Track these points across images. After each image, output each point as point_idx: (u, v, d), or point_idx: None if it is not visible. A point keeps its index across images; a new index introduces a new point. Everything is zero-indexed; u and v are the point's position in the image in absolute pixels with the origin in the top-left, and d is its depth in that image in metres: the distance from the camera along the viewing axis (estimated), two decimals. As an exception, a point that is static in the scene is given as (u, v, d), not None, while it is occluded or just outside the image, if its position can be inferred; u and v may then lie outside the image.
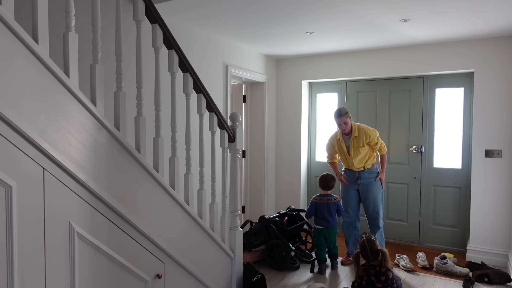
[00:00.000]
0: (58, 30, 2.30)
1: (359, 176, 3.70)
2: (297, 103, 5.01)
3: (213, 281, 2.66)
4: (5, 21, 1.37)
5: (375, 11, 3.05)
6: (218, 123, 2.70)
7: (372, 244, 2.60)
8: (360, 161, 3.65)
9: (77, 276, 1.70)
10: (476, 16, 3.16)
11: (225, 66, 4.06)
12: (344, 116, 3.57)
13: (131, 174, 1.95)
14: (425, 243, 4.44)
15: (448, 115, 4.31)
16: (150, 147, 2.72)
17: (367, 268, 2.60)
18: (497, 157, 3.83)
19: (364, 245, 2.61)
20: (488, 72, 3.86)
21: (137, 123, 2.07)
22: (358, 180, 3.71)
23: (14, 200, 1.43)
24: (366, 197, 3.70)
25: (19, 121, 1.42)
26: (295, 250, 3.67)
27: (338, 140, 3.74)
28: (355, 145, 3.62)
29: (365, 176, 3.69)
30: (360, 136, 3.61)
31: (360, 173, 3.69)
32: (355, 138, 3.62)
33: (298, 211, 4.21)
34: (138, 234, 2.02)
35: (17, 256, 1.45)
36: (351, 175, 3.74)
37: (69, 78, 1.63)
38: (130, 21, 2.81)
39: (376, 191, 3.68)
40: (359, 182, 3.70)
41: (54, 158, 1.55)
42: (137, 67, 2.06)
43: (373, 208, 3.68)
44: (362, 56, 4.56)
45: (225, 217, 2.85)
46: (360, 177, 3.69)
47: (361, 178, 3.69)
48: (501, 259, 3.80)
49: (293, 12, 3.07)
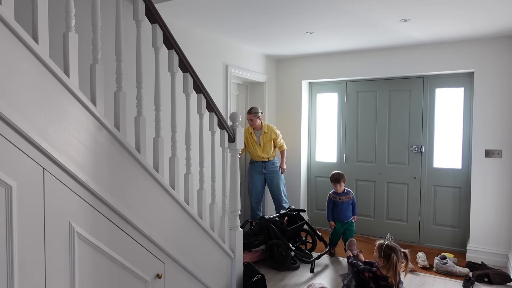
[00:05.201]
0: (58, 30, 2.30)
1: (265, 167, 4.46)
2: (297, 103, 5.01)
3: (213, 281, 2.66)
4: (5, 21, 1.37)
5: (375, 11, 3.05)
6: (218, 123, 2.70)
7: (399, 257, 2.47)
8: (266, 152, 4.43)
9: (77, 276, 1.70)
10: (476, 16, 3.16)
11: (225, 66, 4.06)
12: (251, 115, 4.33)
13: (131, 174, 1.95)
14: (425, 243, 4.44)
15: (448, 115, 4.31)
16: (150, 147, 2.72)
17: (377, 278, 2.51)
18: (497, 157, 3.83)
19: (394, 264, 2.45)
20: (488, 72, 3.86)
21: (137, 123, 2.07)
22: (264, 170, 4.47)
23: (14, 200, 1.43)
24: (271, 183, 4.51)
25: (19, 121, 1.42)
26: (295, 250, 3.67)
27: (250, 134, 4.41)
28: (265, 139, 4.41)
29: (270, 167, 4.48)
30: (269, 133, 4.43)
31: (265, 164, 4.45)
32: (265, 133, 4.43)
33: (298, 211, 4.21)
34: (138, 234, 2.02)
35: (17, 256, 1.45)
36: (258, 166, 4.47)
37: (69, 78, 1.63)
38: (130, 21, 2.81)
39: (279, 177, 4.53)
40: (265, 172, 4.48)
41: (54, 158, 1.55)
42: (137, 67, 2.06)
43: (277, 191, 4.52)
44: (362, 56, 4.56)
45: (225, 217, 2.85)
46: (266, 168, 4.47)
47: (267, 168, 4.47)
48: (501, 259, 3.80)
49: (293, 12, 3.07)
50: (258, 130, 4.47)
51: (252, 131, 4.44)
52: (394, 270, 2.46)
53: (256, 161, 4.48)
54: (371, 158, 4.75)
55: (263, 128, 4.45)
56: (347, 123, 4.89)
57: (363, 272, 2.59)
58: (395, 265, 2.46)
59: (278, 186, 4.53)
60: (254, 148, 4.43)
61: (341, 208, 4.07)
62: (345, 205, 4.08)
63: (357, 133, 4.83)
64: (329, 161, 5.06)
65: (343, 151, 4.93)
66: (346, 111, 4.89)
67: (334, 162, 5.01)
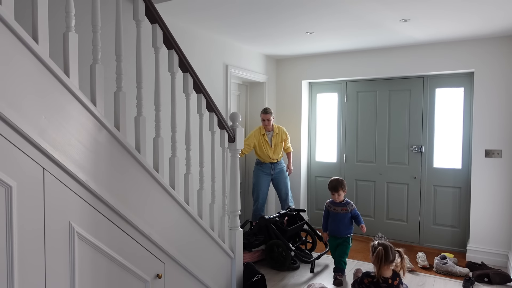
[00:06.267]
0: (58, 30, 2.30)
1: (273, 168, 4.46)
2: (297, 103, 5.01)
3: (213, 281, 2.66)
4: (5, 21, 1.37)
5: (375, 11, 3.05)
6: (218, 123, 2.70)
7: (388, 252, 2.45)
8: (277, 154, 4.45)
9: (77, 276, 1.70)
10: (476, 16, 3.16)
11: (225, 66, 4.06)
12: (269, 114, 4.32)
13: (131, 174, 1.95)
14: (425, 243, 4.44)
15: (448, 115, 4.31)
16: (150, 147, 2.72)
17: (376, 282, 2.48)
18: (497, 157, 3.83)
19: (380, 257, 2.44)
20: (488, 72, 3.86)
21: (137, 123, 2.07)
22: (272, 171, 4.47)
23: (14, 200, 1.43)
24: (279, 183, 4.53)
25: (19, 121, 1.42)
26: (295, 250, 3.67)
27: (262, 135, 4.39)
28: (276, 140, 4.42)
29: (277, 168, 4.49)
30: (280, 134, 4.45)
31: (274, 165, 4.45)
32: (276, 134, 4.43)
33: (298, 211, 4.21)
34: (138, 234, 2.02)
35: (17, 256, 1.45)
36: (266, 167, 4.44)
37: (69, 78, 1.63)
38: (130, 21, 2.81)
39: (286, 178, 4.55)
40: (273, 173, 4.48)
41: (54, 158, 1.55)
42: (137, 67, 2.06)
43: (285, 190, 4.53)
44: (362, 56, 4.56)
45: (225, 217, 2.85)
46: (274, 168, 4.47)
47: (275, 169, 4.47)
48: (501, 259, 3.80)
49: (293, 12, 3.07)
50: (269, 131, 4.44)
51: (264, 132, 4.39)
52: (380, 262, 2.44)
53: (264, 163, 4.44)
54: (371, 158, 4.75)
55: (274, 129, 4.44)
56: (347, 123, 4.89)
57: (363, 279, 2.55)
58: (381, 257, 2.43)
59: (286, 186, 4.53)
60: (265, 150, 4.38)
61: (333, 220, 3.51)
62: (339, 218, 3.47)
63: (357, 133, 4.83)
64: (329, 161, 5.06)
65: (343, 151, 4.93)
66: (346, 111, 4.89)
67: (334, 162, 5.02)
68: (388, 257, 2.45)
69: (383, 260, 2.44)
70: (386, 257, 2.44)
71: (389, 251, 2.46)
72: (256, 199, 4.47)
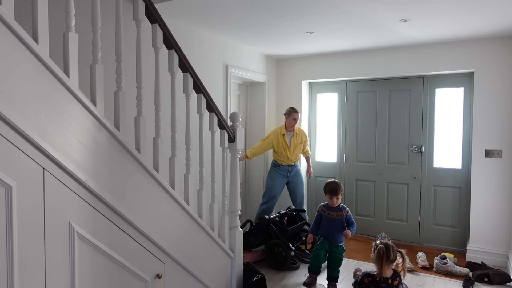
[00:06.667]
0: (58, 30, 2.30)
1: (290, 171, 4.38)
2: (297, 103, 5.01)
3: (213, 281, 2.66)
4: (5, 21, 1.37)
5: (375, 11, 3.05)
6: (218, 123, 2.70)
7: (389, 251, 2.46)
8: (296, 155, 4.39)
9: (77, 276, 1.70)
10: (476, 17, 3.16)
11: (225, 66, 4.06)
12: (297, 113, 4.30)
13: (131, 174, 1.95)
14: (425, 243, 4.44)
15: (448, 115, 4.31)
16: (150, 147, 2.72)
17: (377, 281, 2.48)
18: (497, 157, 3.83)
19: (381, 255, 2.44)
20: (488, 72, 3.86)
21: (137, 123, 2.07)
22: (289, 174, 4.38)
23: (14, 200, 1.43)
24: (295, 186, 4.45)
25: (19, 121, 1.42)
26: (295, 250, 3.67)
27: (282, 135, 4.31)
28: (295, 141, 4.34)
29: (294, 170, 4.41)
30: (300, 135, 4.39)
31: (291, 168, 4.37)
32: (297, 135, 4.36)
33: (298, 211, 4.21)
34: (138, 234, 2.02)
35: (17, 256, 1.45)
36: (283, 169, 4.37)
37: (69, 78, 1.63)
38: (130, 21, 2.81)
39: (302, 181, 4.51)
40: (289, 175, 4.39)
41: (54, 158, 1.55)
42: (137, 67, 2.06)
43: (301, 193, 4.48)
44: (362, 56, 4.56)
45: (225, 217, 2.85)
46: (291, 171, 4.39)
47: (292, 172, 4.39)
48: (501, 259, 3.80)
49: (293, 12, 3.07)
50: (290, 132, 4.37)
51: (284, 132, 4.32)
52: (381, 260, 2.45)
53: (281, 164, 4.36)
54: (371, 158, 4.75)
55: (295, 130, 4.37)
56: (347, 123, 4.89)
57: (363, 279, 2.56)
58: (382, 255, 2.44)
59: (302, 189, 4.48)
60: (284, 150, 4.30)
61: (327, 226, 3.22)
62: (333, 224, 3.19)
63: (357, 133, 4.83)
64: (329, 161, 5.06)
65: (343, 151, 4.93)
66: (346, 111, 4.89)
67: (334, 162, 5.02)
68: (389, 256, 2.45)
69: (384, 259, 2.44)
70: (387, 255, 2.44)
71: (391, 250, 2.47)
72: (268, 200, 4.36)
